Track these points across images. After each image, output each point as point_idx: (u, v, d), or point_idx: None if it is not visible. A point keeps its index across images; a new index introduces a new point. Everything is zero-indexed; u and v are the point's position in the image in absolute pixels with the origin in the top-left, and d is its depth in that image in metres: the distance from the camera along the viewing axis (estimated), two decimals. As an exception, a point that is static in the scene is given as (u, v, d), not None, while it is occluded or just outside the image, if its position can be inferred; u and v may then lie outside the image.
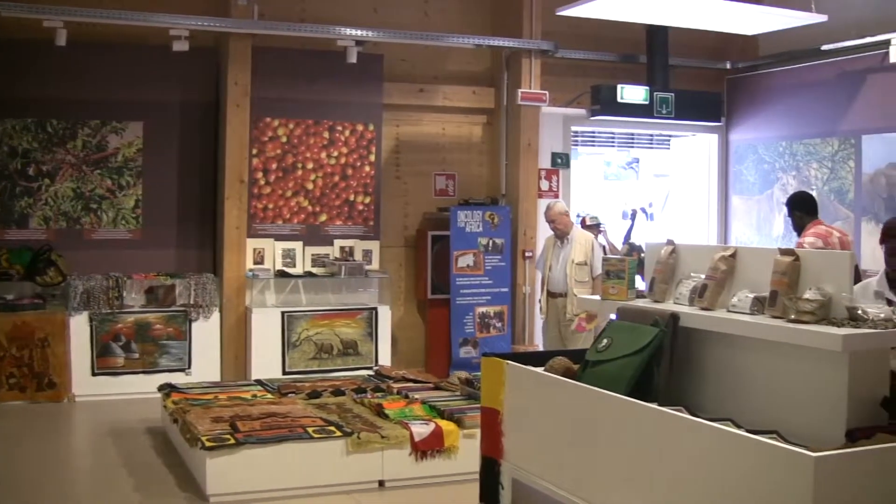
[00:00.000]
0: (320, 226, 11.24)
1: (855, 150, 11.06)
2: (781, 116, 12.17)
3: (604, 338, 4.83)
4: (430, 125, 12.03)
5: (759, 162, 12.37)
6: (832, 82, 11.45)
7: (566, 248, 9.99)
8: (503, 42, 11.68)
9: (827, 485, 3.34)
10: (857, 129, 11.09)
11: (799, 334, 4.04)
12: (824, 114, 11.51)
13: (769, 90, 12.40)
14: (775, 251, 4.37)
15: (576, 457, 4.64)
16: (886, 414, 4.05)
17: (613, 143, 13.59)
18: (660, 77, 12.16)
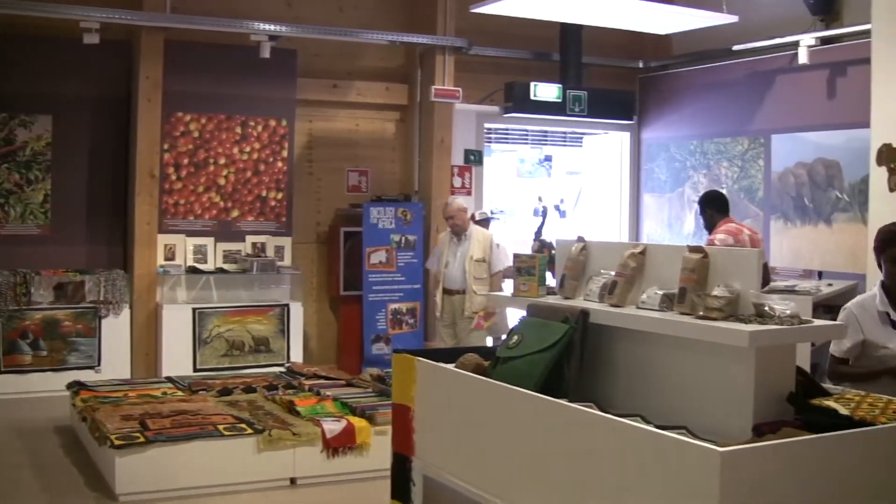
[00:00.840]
0: (232, 222, 11.15)
1: (764, 149, 11.20)
2: (693, 115, 12.29)
3: (514, 334, 4.84)
4: (344, 121, 11.99)
5: (671, 160, 12.48)
6: (743, 82, 11.59)
7: (464, 244, 9.97)
8: (417, 39, 11.68)
9: (733, 479, 3.36)
10: (767, 128, 11.23)
11: (707, 331, 4.07)
12: (735, 113, 11.65)
13: (681, 89, 12.52)
14: (684, 248, 4.41)
15: (486, 453, 4.64)
16: (792, 409, 4.10)
17: (527, 141, 13.64)
18: (573, 75, 12.23)
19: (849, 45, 10.22)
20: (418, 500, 5.25)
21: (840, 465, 3.70)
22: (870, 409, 4.07)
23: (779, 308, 4.07)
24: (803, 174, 10.69)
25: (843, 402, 4.15)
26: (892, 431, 3.88)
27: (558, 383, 4.48)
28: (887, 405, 4.14)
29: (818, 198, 10.52)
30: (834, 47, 10.51)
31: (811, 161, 10.61)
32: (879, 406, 4.12)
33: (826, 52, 10.51)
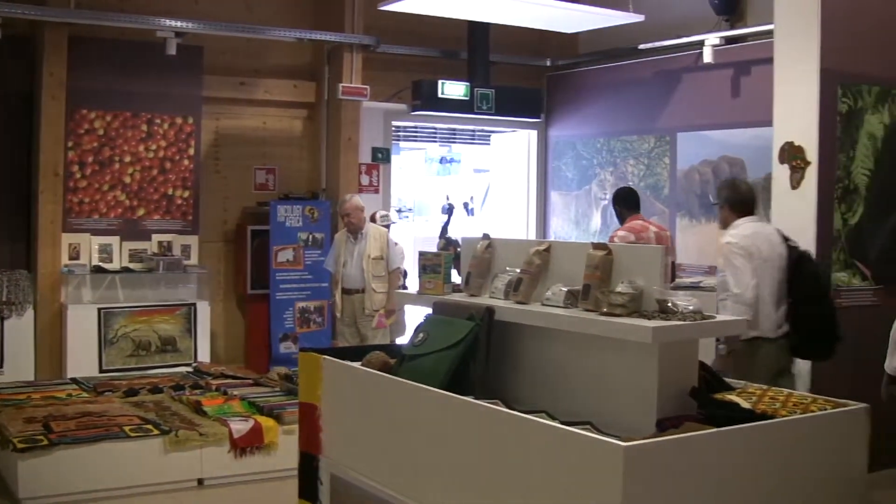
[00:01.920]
0: (138, 220, 11.00)
1: (670, 147, 11.32)
2: (600, 113, 12.38)
3: (420, 332, 4.84)
4: (251, 119, 11.90)
5: (578, 158, 12.56)
6: (649, 81, 11.69)
7: (360, 243, 9.95)
8: (325, 36, 11.62)
9: (636, 473, 3.40)
10: (673, 126, 11.34)
11: (610, 327, 4.11)
12: (641, 111, 11.75)
13: (588, 88, 12.60)
14: (588, 246, 4.44)
15: (393, 451, 4.65)
16: (695, 403, 4.16)
17: (435, 139, 13.66)
18: (480, 73, 12.25)
19: (752, 45, 10.35)
20: (326, 498, 5.24)
21: (741, 457, 3.75)
22: (770, 403, 4.13)
23: (682, 304, 4.13)
24: (708, 172, 10.81)
25: (745, 396, 4.21)
26: (792, 424, 3.95)
27: (464, 381, 4.49)
28: (787, 398, 4.21)
29: (723, 195, 10.65)
30: (738, 47, 10.64)
31: (716, 159, 10.74)
32: (780, 399, 4.19)
33: (730, 52, 10.64)
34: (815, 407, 4.15)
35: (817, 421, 4.04)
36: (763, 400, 4.17)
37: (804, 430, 4.00)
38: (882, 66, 8.20)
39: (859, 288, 8.04)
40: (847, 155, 7.92)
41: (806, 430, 4.01)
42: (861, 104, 8.04)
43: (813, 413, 4.07)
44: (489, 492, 4.01)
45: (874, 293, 8.14)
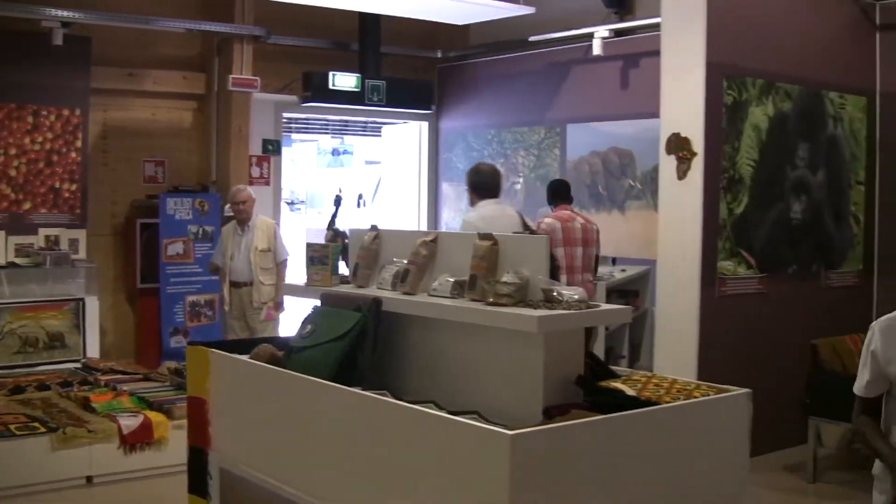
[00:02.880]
0: (24, 214, 10.79)
1: (560, 139, 11.41)
2: (491, 105, 12.43)
3: (308, 324, 4.83)
4: (140, 110, 11.75)
5: (469, 149, 12.60)
6: (539, 73, 11.77)
7: (247, 235, 9.89)
8: (215, 27, 11.51)
9: (523, 461, 3.41)
10: (563, 118, 11.43)
11: (496, 316, 4.12)
12: (532, 103, 11.82)
13: (479, 79, 12.65)
14: (475, 236, 4.45)
15: (282, 444, 4.62)
16: (581, 391, 4.19)
17: (327, 131, 13.62)
18: (371, 65, 12.24)
19: (641, 38, 10.47)
20: (216, 493, 5.20)
21: (627, 443, 3.79)
22: (655, 390, 4.18)
23: (567, 293, 4.15)
24: (598, 163, 10.93)
25: (630, 384, 4.25)
26: (675, 410, 3.99)
27: (352, 372, 4.48)
28: (672, 385, 4.25)
29: (612, 186, 10.77)
30: (627, 39, 10.77)
31: (605, 150, 10.86)
32: (664, 386, 4.24)
33: (619, 45, 10.76)
34: (698, 393, 4.21)
35: (700, 407, 4.10)
36: (647, 387, 4.21)
37: (687, 416, 4.05)
38: (766, 59, 8.35)
39: (744, 276, 8.18)
40: (732, 146, 8.05)
41: (689, 416, 4.06)
42: (746, 96, 8.18)
43: (696, 399, 4.13)
44: (378, 482, 4.01)
45: (759, 282, 8.29)
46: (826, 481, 7.86)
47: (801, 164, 8.66)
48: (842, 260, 9.14)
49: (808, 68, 8.73)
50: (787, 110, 8.54)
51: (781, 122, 8.49)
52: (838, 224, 9.09)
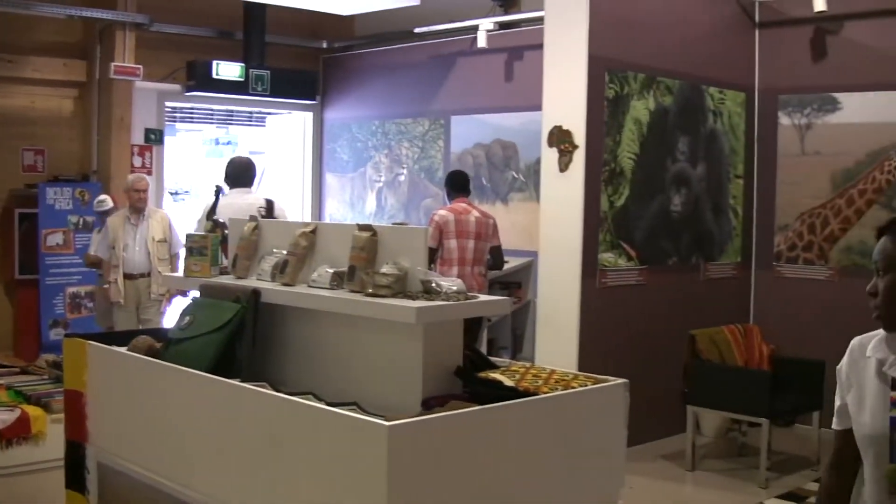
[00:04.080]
0: None
1: (444, 131, 11.44)
2: (375, 96, 12.42)
3: (186, 315, 4.79)
4: (19, 98, 11.50)
5: (353, 140, 12.58)
6: (424, 64, 11.78)
7: (142, 226, 9.70)
8: (96, 13, 11.32)
9: (401, 452, 3.42)
10: (447, 109, 11.46)
11: (375, 308, 4.13)
12: (416, 95, 11.83)
13: (364, 70, 12.62)
14: (354, 227, 4.45)
15: (160, 437, 4.57)
16: (461, 382, 4.21)
17: (212, 120, 13.49)
18: (256, 54, 12.15)
19: (525, 31, 10.54)
20: (94, 488, 5.13)
21: (505, 434, 3.82)
22: (533, 380, 4.21)
23: (445, 284, 4.17)
24: (481, 155, 10.98)
25: (509, 374, 4.28)
26: (553, 400, 4.03)
27: (230, 364, 4.45)
28: (550, 376, 4.29)
29: (496, 178, 10.83)
30: (511, 32, 10.82)
31: (489, 142, 10.92)
32: (543, 377, 4.28)
33: (504, 37, 10.81)
34: (576, 383, 4.25)
35: (577, 397, 4.14)
36: (526, 377, 4.25)
37: (565, 407, 4.09)
38: (648, 54, 8.45)
39: (625, 268, 8.28)
40: (613, 139, 8.14)
41: (566, 406, 4.10)
42: (627, 90, 8.27)
43: (574, 389, 4.17)
44: (257, 474, 3.99)
45: (639, 273, 8.40)
46: (704, 469, 7.99)
47: (681, 157, 8.79)
48: (721, 252, 9.30)
49: (688, 64, 8.87)
50: (667, 104, 8.66)
51: (662, 116, 8.61)
52: (717, 217, 9.24)
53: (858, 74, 8.99)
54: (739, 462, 8.24)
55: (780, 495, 7.25)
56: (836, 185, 9.10)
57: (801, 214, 9.31)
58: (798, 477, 7.73)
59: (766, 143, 9.54)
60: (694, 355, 8.00)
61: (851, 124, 9.05)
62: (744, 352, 8.35)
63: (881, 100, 8.87)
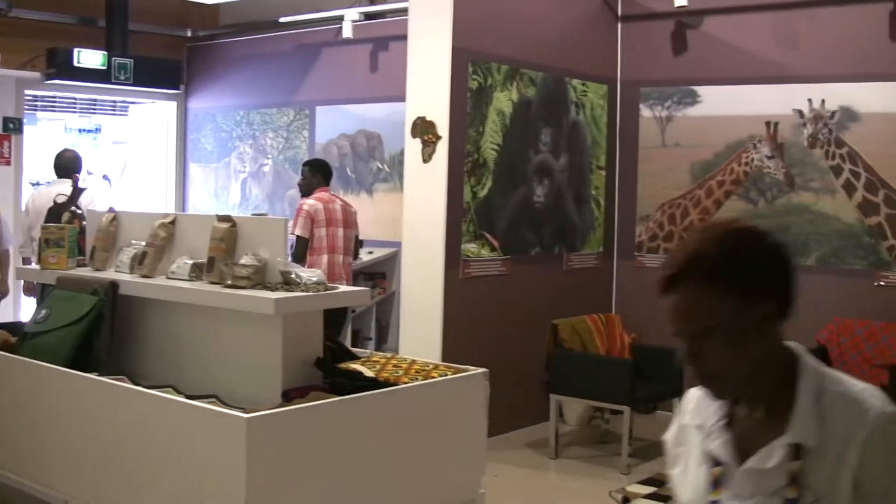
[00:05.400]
0: None
1: (309, 121, 11.39)
2: (240, 86, 12.31)
3: (43, 308, 4.71)
4: None
5: (217, 130, 12.46)
6: (289, 54, 11.71)
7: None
8: (-50, -1, 11.06)
9: (260, 444, 3.42)
10: (312, 100, 11.41)
11: (235, 299, 4.12)
12: (281, 84, 11.76)
13: (229, 60, 12.50)
14: (213, 218, 4.43)
15: (17, 433, 4.50)
16: (321, 373, 4.22)
17: (75, 109, 13.25)
18: (119, 42, 11.94)
19: (391, 21, 10.52)
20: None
21: (365, 424, 3.84)
22: (394, 371, 4.24)
23: (305, 275, 4.18)
24: (346, 145, 10.96)
25: (370, 365, 4.30)
26: (414, 390, 4.06)
27: (88, 357, 4.40)
28: (410, 366, 4.32)
29: (360, 169, 10.82)
30: (377, 23, 10.80)
31: (354, 133, 10.90)
32: (403, 367, 4.30)
33: (369, 28, 10.78)
34: (436, 373, 4.29)
35: (437, 387, 4.18)
36: (387, 368, 4.27)
37: (425, 396, 4.12)
38: (511, 46, 8.52)
39: (488, 258, 8.34)
40: (477, 130, 8.19)
41: (426, 396, 4.13)
42: (491, 81, 8.32)
43: (434, 379, 4.20)
44: (117, 469, 3.95)
45: (502, 263, 8.47)
46: (567, 457, 8.10)
47: (544, 148, 8.88)
48: (583, 242, 9.42)
49: (552, 56, 8.95)
50: (531, 96, 8.74)
51: (525, 108, 8.69)
52: (579, 207, 9.36)
53: (717, 68, 9.19)
54: (602, 449, 8.37)
55: (642, 481, 7.37)
56: (696, 176, 9.28)
57: (662, 205, 9.49)
58: (659, 462, 7.85)
59: (628, 134, 9.70)
60: (556, 344, 8.10)
61: (711, 117, 9.24)
62: (605, 341, 8.48)
63: (739, 93, 9.07)
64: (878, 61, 8.41)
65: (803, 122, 8.71)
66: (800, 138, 8.74)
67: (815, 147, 8.67)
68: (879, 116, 8.40)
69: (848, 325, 8.35)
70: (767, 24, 8.95)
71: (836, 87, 8.58)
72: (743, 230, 2.30)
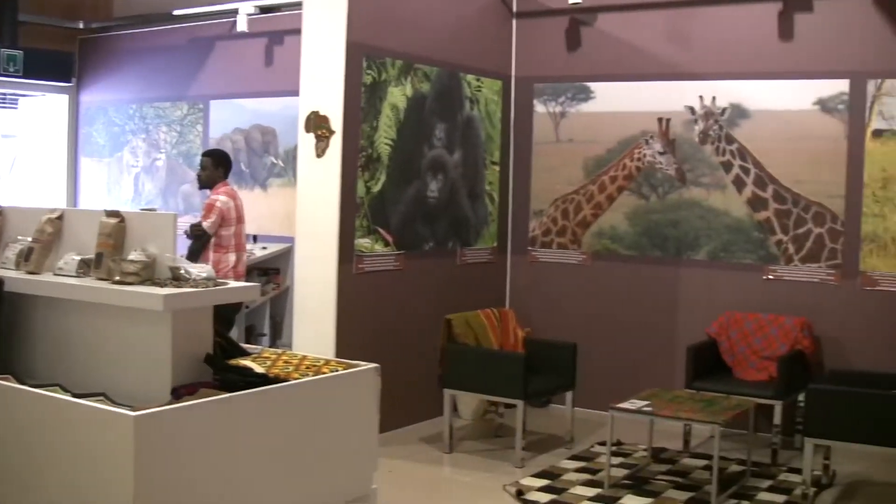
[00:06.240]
0: None
1: (203, 115, 11.30)
2: (133, 79, 12.17)
3: (-75, 306, 4.63)
4: None
5: (110, 124, 12.31)
6: (184, 47, 11.60)
7: None
8: None
9: (148, 441, 3.40)
10: (206, 94, 11.32)
11: (122, 295, 4.08)
12: (175, 78, 11.64)
13: (122, 53, 12.35)
14: (102, 213, 4.38)
15: None
16: (211, 370, 4.20)
17: (-38, 102, 13.03)
18: (8, 33, 11.74)
19: (285, 15, 10.46)
20: None
21: (254, 420, 3.83)
22: (284, 367, 4.24)
23: (194, 271, 4.15)
24: (241, 140, 10.89)
25: (260, 361, 4.29)
26: (304, 386, 4.07)
27: (-27, 355, 4.34)
28: (301, 362, 4.33)
29: (255, 163, 10.76)
30: (272, 16, 10.73)
31: (248, 127, 10.84)
32: (294, 363, 4.31)
33: (264, 21, 10.71)
34: (327, 369, 4.29)
35: (328, 382, 4.19)
36: (277, 364, 4.27)
37: (315, 392, 4.13)
38: (406, 41, 8.51)
39: (381, 254, 8.33)
40: (371, 125, 8.17)
41: (317, 392, 4.14)
42: (385, 76, 8.31)
43: (324, 375, 4.21)
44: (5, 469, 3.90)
45: (396, 258, 8.47)
46: (462, 451, 8.11)
47: (438, 143, 8.89)
48: (477, 237, 9.45)
49: (446, 51, 8.97)
50: (425, 91, 8.75)
51: (419, 103, 8.69)
52: (474, 202, 9.39)
53: (611, 65, 9.29)
54: (496, 443, 8.40)
55: (535, 474, 7.41)
56: (589, 171, 9.37)
57: (556, 200, 9.56)
58: (552, 455, 7.93)
59: (522, 130, 9.75)
60: (450, 339, 8.12)
61: (604, 113, 9.34)
62: (499, 335, 8.52)
63: (631, 90, 9.19)
64: (767, 59, 8.58)
65: (694, 118, 8.85)
66: (691, 135, 8.88)
67: (706, 143, 8.81)
68: (769, 113, 8.57)
69: (737, 318, 8.50)
70: (660, 22, 9.08)
71: (726, 85, 8.74)
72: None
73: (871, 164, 8.22)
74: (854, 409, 6.37)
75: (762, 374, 8.18)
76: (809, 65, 8.44)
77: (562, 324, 9.27)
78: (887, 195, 8.17)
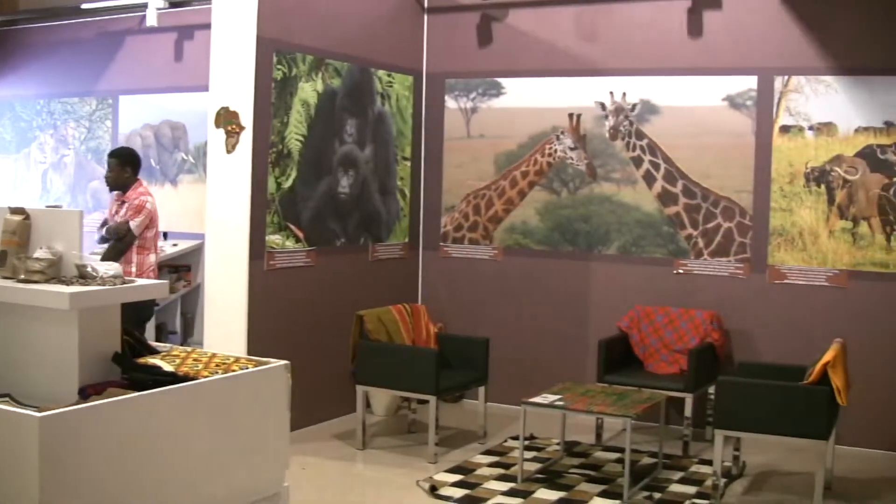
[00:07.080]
0: None
1: (113, 110, 11.18)
2: (41, 74, 12.01)
3: None
4: None
5: (17, 120, 12.14)
6: (92, 42, 11.46)
7: None
8: None
9: (54, 443, 3.36)
10: (116, 89, 11.20)
11: (28, 294, 4.03)
12: (83, 73, 11.51)
13: (29, 47, 12.18)
14: (6, 210, 4.32)
15: None
16: (119, 369, 4.16)
17: None
18: None
19: (196, 10, 10.37)
20: None
21: (162, 419, 3.80)
22: (193, 364, 4.21)
23: (101, 269, 4.11)
24: (150, 136, 10.80)
25: (169, 359, 4.26)
26: (213, 384, 4.04)
27: None
28: (210, 360, 4.30)
29: (165, 159, 10.67)
30: (182, 11, 10.64)
31: (158, 123, 10.75)
32: (203, 361, 4.28)
33: (174, 16, 10.62)
34: (236, 366, 4.27)
35: (237, 380, 4.17)
36: (186, 362, 4.24)
37: (224, 390, 4.10)
38: (317, 36, 8.48)
39: (293, 250, 8.30)
40: (281, 121, 8.14)
41: (226, 390, 4.11)
42: (296, 72, 8.28)
43: (234, 372, 4.19)
44: None
45: (307, 255, 8.44)
46: (375, 447, 8.12)
47: (349, 139, 8.88)
48: (388, 233, 9.45)
49: (358, 46, 8.95)
50: (336, 87, 8.73)
51: (330, 98, 8.67)
52: (385, 198, 9.39)
53: (522, 60, 9.35)
54: (410, 439, 8.42)
55: (449, 469, 7.43)
56: (500, 167, 9.42)
57: (467, 196, 9.60)
58: (465, 450, 7.96)
59: (433, 125, 9.78)
60: (362, 335, 8.11)
61: (515, 108, 9.39)
62: (411, 331, 8.53)
63: (543, 85, 9.25)
64: (677, 56, 8.69)
65: (605, 114, 8.94)
66: (602, 130, 8.96)
67: (617, 139, 8.90)
68: (678, 109, 8.68)
69: (648, 312, 8.59)
70: (570, 18, 9.15)
71: (636, 81, 8.83)
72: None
73: (779, 159, 8.36)
74: (763, 400, 6.46)
75: (673, 367, 8.28)
76: (718, 61, 8.55)
77: (474, 319, 9.32)
78: (794, 190, 8.30)
